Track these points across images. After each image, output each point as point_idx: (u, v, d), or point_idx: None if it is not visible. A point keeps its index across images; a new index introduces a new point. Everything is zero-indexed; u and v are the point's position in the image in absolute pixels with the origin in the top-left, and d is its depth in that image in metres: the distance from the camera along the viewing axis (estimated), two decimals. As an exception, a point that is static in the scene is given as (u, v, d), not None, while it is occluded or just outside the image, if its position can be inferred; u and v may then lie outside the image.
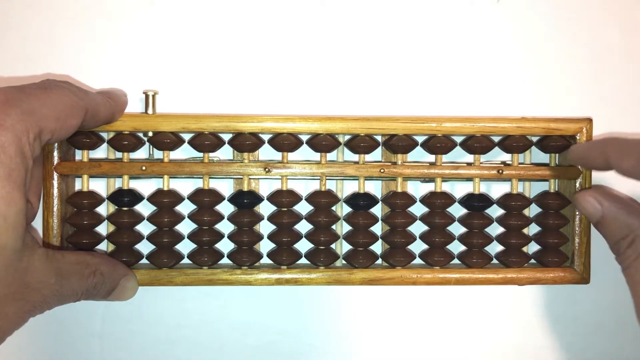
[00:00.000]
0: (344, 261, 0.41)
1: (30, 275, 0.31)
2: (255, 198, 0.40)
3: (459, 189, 0.43)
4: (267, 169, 0.39)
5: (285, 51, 0.42)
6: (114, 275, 0.36)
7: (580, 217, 0.40)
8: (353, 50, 0.43)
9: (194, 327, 0.43)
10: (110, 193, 0.40)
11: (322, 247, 0.41)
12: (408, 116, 0.40)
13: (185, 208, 0.40)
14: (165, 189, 0.40)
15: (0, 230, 0.29)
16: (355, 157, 0.41)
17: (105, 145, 0.40)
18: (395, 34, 0.43)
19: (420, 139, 0.41)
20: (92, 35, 0.42)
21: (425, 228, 0.41)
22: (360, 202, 0.40)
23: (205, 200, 0.39)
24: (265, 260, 0.41)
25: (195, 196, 0.40)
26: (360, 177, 0.40)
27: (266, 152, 0.41)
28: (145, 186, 0.42)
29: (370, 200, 0.40)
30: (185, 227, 0.40)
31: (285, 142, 0.39)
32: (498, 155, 0.42)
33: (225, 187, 0.42)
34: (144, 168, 0.39)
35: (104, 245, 0.40)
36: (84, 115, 0.34)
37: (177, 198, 0.40)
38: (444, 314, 0.44)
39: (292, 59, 0.42)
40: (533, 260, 0.42)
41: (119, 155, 0.40)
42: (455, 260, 0.42)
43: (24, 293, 0.31)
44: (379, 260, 0.41)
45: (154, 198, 0.39)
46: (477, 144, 0.40)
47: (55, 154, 0.38)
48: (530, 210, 0.42)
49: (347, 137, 0.41)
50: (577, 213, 0.40)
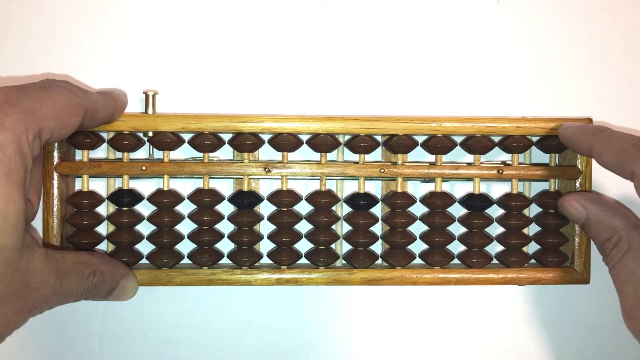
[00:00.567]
0: (344, 261, 0.41)
1: (30, 275, 0.31)
2: (255, 198, 0.40)
3: (459, 189, 0.43)
4: (267, 169, 0.39)
5: (285, 51, 0.42)
6: (114, 275, 0.36)
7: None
8: (353, 50, 0.43)
9: (194, 327, 0.43)
10: (110, 193, 0.40)
11: (322, 247, 0.41)
12: (408, 116, 0.40)
13: (185, 208, 0.40)
14: (165, 189, 0.40)
15: (0, 230, 0.29)
16: (355, 157, 0.41)
17: (105, 145, 0.40)
18: (395, 34, 0.43)
19: (420, 139, 0.41)
20: (92, 35, 0.42)
21: (425, 228, 0.41)
22: (360, 202, 0.40)
23: (205, 200, 0.39)
24: (265, 260, 0.41)
25: (195, 196, 0.40)
26: (360, 177, 0.40)
27: (266, 152, 0.41)
28: (145, 186, 0.42)
29: (370, 200, 0.40)
30: (185, 227, 0.40)
31: (285, 142, 0.39)
32: (498, 155, 0.42)
33: (225, 187, 0.42)
34: (144, 168, 0.39)
35: (104, 245, 0.40)
36: (83, 114, 0.34)
37: (177, 198, 0.40)
38: (444, 314, 0.44)
39: (292, 59, 0.42)
40: (533, 260, 0.42)
41: (119, 155, 0.40)
42: (455, 260, 0.42)
43: (23, 293, 0.31)
44: (379, 260, 0.41)
45: (154, 198, 0.39)
46: (477, 144, 0.40)
47: (55, 153, 0.38)
48: (530, 210, 0.42)
49: (347, 137, 0.41)
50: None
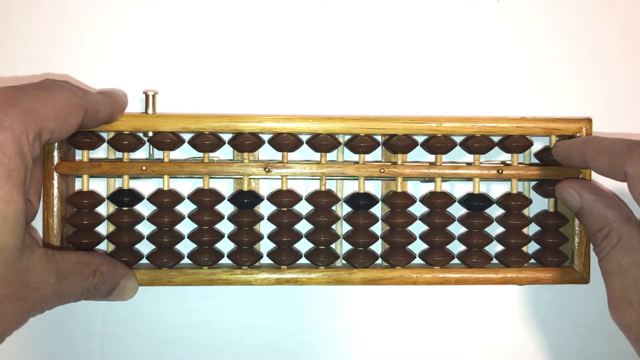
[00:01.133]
0: (344, 261, 0.41)
1: (30, 275, 0.31)
2: (255, 198, 0.40)
3: (459, 189, 0.43)
4: (267, 169, 0.39)
5: (285, 51, 0.42)
6: (114, 275, 0.36)
7: (580, 217, 0.40)
8: (353, 50, 0.43)
9: (194, 327, 0.43)
10: (110, 193, 0.40)
11: (322, 247, 0.41)
12: (408, 116, 0.40)
13: (185, 208, 0.40)
14: (165, 189, 0.40)
15: (0, 230, 0.29)
16: (355, 157, 0.41)
17: (105, 145, 0.40)
18: (395, 34, 0.43)
19: (420, 139, 0.41)
20: (92, 35, 0.42)
21: (425, 228, 0.41)
22: (360, 202, 0.40)
23: (205, 200, 0.39)
24: (265, 260, 0.41)
25: (195, 196, 0.40)
26: (360, 177, 0.40)
27: (266, 152, 0.41)
28: (145, 186, 0.42)
29: (370, 200, 0.40)
30: (185, 227, 0.40)
31: (285, 142, 0.39)
32: (498, 155, 0.42)
33: (225, 187, 0.42)
34: (144, 168, 0.39)
35: (104, 245, 0.40)
36: (83, 114, 0.34)
37: (177, 198, 0.40)
38: (444, 314, 0.44)
39: (292, 59, 0.42)
40: (533, 260, 0.42)
41: (119, 155, 0.40)
42: (455, 260, 0.42)
43: (23, 293, 0.31)
44: (379, 260, 0.41)
45: (154, 198, 0.39)
46: (477, 144, 0.40)
47: (55, 153, 0.38)
48: (530, 210, 0.42)
49: (347, 137, 0.41)
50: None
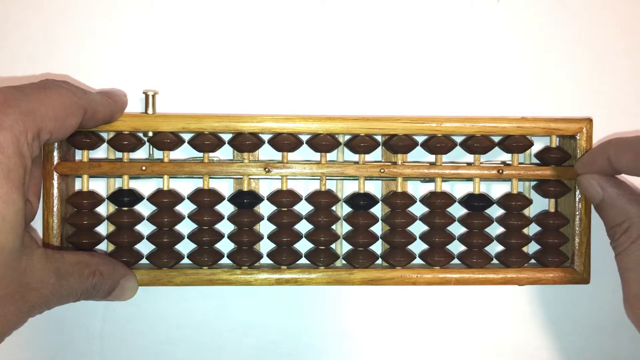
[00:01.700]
0: (344, 261, 0.41)
1: (30, 275, 0.31)
2: (255, 198, 0.40)
3: (459, 189, 0.43)
4: (267, 169, 0.39)
5: (285, 51, 0.42)
6: (113, 275, 0.36)
7: (580, 217, 0.40)
8: (353, 50, 0.43)
9: (194, 327, 0.43)
10: (110, 193, 0.40)
11: (322, 247, 0.41)
12: (408, 116, 0.40)
13: (185, 208, 0.40)
14: (165, 189, 0.40)
15: None
16: (355, 157, 0.41)
17: (105, 145, 0.40)
18: (395, 34, 0.43)
19: (420, 139, 0.41)
20: (92, 35, 0.42)
21: (425, 228, 0.41)
22: (360, 202, 0.40)
23: (205, 200, 0.39)
24: (265, 260, 0.41)
25: (195, 196, 0.40)
26: (360, 177, 0.40)
27: (266, 152, 0.41)
28: (145, 186, 0.42)
29: (370, 200, 0.40)
30: (185, 227, 0.40)
31: (285, 142, 0.39)
32: (498, 155, 0.42)
33: (225, 187, 0.42)
34: (144, 168, 0.39)
35: (104, 245, 0.40)
36: (83, 114, 0.34)
37: (177, 198, 0.40)
38: (444, 314, 0.44)
39: (292, 58, 0.42)
40: (533, 260, 0.42)
41: (119, 155, 0.40)
42: (455, 260, 0.42)
43: (23, 293, 0.31)
44: (379, 260, 0.41)
45: (154, 198, 0.39)
46: (477, 144, 0.40)
47: (55, 154, 0.38)
48: (530, 210, 0.42)
49: (347, 137, 0.41)
50: (577, 213, 0.40)
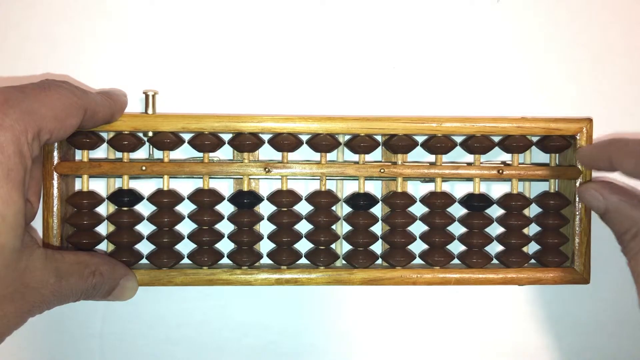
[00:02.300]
0: (344, 261, 0.41)
1: (30, 275, 0.31)
2: (255, 198, 0.40)
3: (459, 189, 0.43)
4: (267, 169, 0.39)
5: (285, 51, 0.42)
6: (113, 275, 0.36)
7: (580, 217, 0.40)
8: (353, 50, 0.43)
9: (194, 327, 0.43)
10: (110, 193, 0.40)
11: (322, 247, 0.41)
12: (408, 116, 0.40)
13: (185, 208, 0.40)
14: (165, 189, 0.40)
15: (-1, 230, 0.29)
16: (355, 157, 0.41)
17: (105, 145, 0.40)
18: (395, 34, 0.43)
19: (420, 139, 0.41)
20: (92, 35, 0.42)
21: (425, 228, 0.41)
22: (360, 202, 0.40)
23: (205, 200, 0.39)
24: (265, 260, 0.41)
25: (195, 196, 0.40)
26: (360, 177, 0.40)
27: (266, 152, 0.41)
28: (145, 186, 0.42)
29: (370, 200, 0.40)
30: (185, 227, 0.40)
31: (285, 142, 0.39)
32: (498, 155, 0.42)
33: (225, 187, 0.42)
34: (144, 168, 0.39)
35: (104, 245, 0.40)
36: (83, 115, 0.34)
37: (177, 198, 0.40)
38: (444, 314, 0.44)
39: (292, 58, 0.42)
40: (533, 260, 0.42)
41: (119, 155, 0.40)
42: (455, 260, 0.42)
43: (23, 293, 0.31)
44: (379, 260, 0.41)
45: (154, 198, 0.39)
46: (477, 144, 0.40)
47: (55, 154, 0.38)
48: (530, 210, 0.42)
49: (347, 137, 0.41)
50: (577, 213, 0.40)
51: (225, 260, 0.41)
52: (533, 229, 0.42)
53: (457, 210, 0.41)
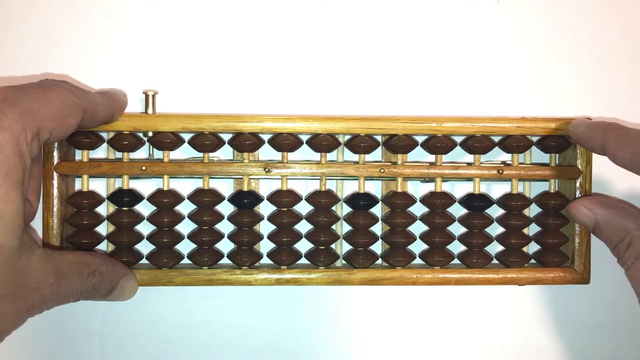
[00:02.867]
0: (344, 261, 0.41)
1: (29, 275, 0.31)
2: (255, 198, 0.40)
3: (459, 189, 0.43)
4: (267, 169, 0.39)
5: (285, 51, 0.42)
6: (113, 275, 0.36)
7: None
8: (353, 50, 0.43)
9: (194, 327, 0.43)
10: (110, 193, 0.40)
11: (322, 247, 0.41)
12: (408, 116, 0.40)
13: (185, 208, 0.40)
14: (165, 189, 0.40)
15: (-1, 230, 0.29)
16: (355, 157, 0.41)
17: (105, 145, 0.40)
18: (395, 34, 0.43)
19: (420, 139, 0.41)
20: (92, 35, 0.42)
21: (425, 228, 0.41)
22: (360, 202, 0.40)
23: (205, 200, 0.39)
24: (265, 260, 0.41)
25: (195, 196, 0.40)
26: (360, 177, 0.40)
27: (266, 152, 0.41)
28: (145, 186, 0.42)
29: (370, 200, 0.40)
30: (185, 227, 0.40)
31: (285, 142, 0.39)
32: (498, 155, 0.42)
33: (225, 187, 0.42)
34: (144, 168, 0.39)
35: (104, 245, 0.40)
36: (82, 114, 0.34)
37: (177, 198, 0.40)
38: (444, 314, 0.44)
39: (292, 58, 0.42)
40: (533, 260, 0.42)
41: (119, 155, 0.40)
42: (455, 260, 0.42)
43: (22, 293, 0.31)
44: (379, 260, 0.41)
45: (154, 198, 0.39)
46: (477, 144, 0.40)
47: (55, 153, 0.38)
48: (530, 210, 0.42)
49: (347, 137, 0.41)
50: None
51: (225, 260, 0.41)
52: (533, 229, 0.42)
53: (457, 210, 0.41)
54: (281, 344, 0.43)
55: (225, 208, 0.41)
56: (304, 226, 0.41)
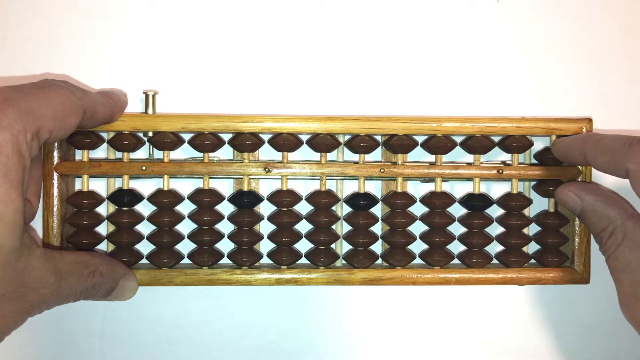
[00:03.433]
0: (344, 261, 0.41)
1: (29, 275, 0.31)
2: (255, 198, 0.40)
3: (459, 189, 0.43)
4: (267, 169, 0.39)
5: (285, 51, 0.42)
6: (113, 275, 0.36)
7: (580, 217, 0.40)
8: (353, 49, 0.43)
9: (194, 327, 0.43)
10: (110, 193, 0.40)
11: (322, 247, 0.41)
12: (408, 116, 0.40)
13: (185, 208, 0.40)
14: (165, 189, 0.40)
15: (-2, 230, 0.29)
16: (355, 157, 0.41)
17: (105, 145, 0.40)
18: (395, 34, 0.43)
19: (420, 139, 0.41)
20: (92, 35, 0.42)
21: (425, 228, 0.41)
22: (360, 202, 0.40)
23: (205, 200, 0.39)
24: (265, 260, 0.41)
25: (195, 196, 0.40)
26: (360, 177, 0.40)
27: (266, 152, 0.41)
28: (145, 186, 0.42)
29: (370, 200, 0.40)
30: (185, 227, 0.40)
31: (285, 142, 0.39)
32: (498, 155, 0.42)
33: (225, 187, 0.42)
34: (144, 168, 0.39)
35: (104, 245, 0.40)
36: (82, 114, 0.34)
37: (177, 198, 0.40)
38: (444, 314, 0.44)
39: (292, 58, 0.42)
40: (533, 260, 0.42)
41: (119, 155, 0.40)
42: (455, 260, 0.42)
43: (22, 293, 0.31)
44: (379, 260, 0.41)
45: (154, 198, 0.39)
46: (477, 144, 0.40)
47: (55, 153, 0.38)
48: (530, 210, 0.42)
49: (347, 137, 0.41)
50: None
51: (225, 260, 0.41)
52: (533, 229, 0.42)
53: (457, 210, 0.41)
54: (281, 344, 0.43)
55: (225, 208, 0.41)
56: (304, 226, 0.41)
